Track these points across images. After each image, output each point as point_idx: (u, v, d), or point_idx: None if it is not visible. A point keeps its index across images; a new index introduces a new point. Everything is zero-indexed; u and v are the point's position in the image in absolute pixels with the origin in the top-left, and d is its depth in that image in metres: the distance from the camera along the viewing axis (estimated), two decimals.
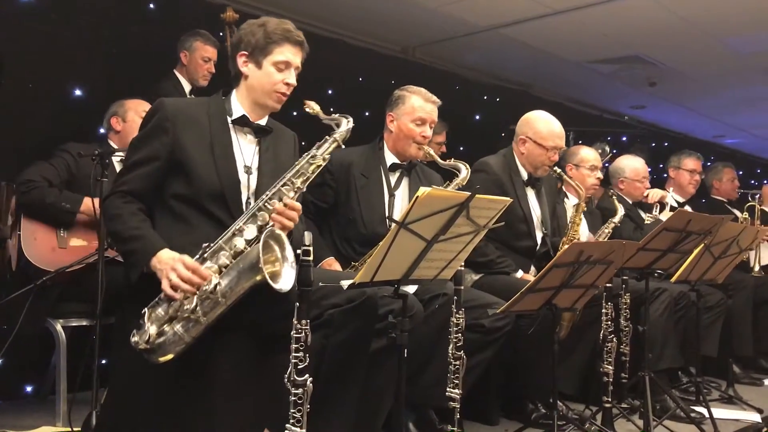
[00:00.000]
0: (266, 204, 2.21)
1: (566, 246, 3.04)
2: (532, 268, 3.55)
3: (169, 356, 2.08)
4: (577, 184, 3.70)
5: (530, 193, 3.60)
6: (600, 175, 4.28)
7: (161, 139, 2.26)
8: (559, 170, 3.59)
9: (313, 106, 2.47)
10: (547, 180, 3.71)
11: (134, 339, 2.10)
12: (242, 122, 2.39)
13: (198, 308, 2.06)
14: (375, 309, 2.21)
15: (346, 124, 2.39)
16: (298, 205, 2.25)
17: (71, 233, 3.22)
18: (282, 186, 2.24)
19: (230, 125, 2.38)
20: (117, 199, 2.25)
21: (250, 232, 2.17)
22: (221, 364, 2.18)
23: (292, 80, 2.39)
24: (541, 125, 3.54)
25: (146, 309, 2.13)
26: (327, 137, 2.37)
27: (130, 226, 2.19)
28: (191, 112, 2.33)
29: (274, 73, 2.36)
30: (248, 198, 2.33)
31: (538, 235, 3.59)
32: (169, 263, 2.10)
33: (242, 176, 2.34)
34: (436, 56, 6.25)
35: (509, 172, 3.55)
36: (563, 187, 4.02)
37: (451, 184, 3.16)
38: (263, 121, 2.45)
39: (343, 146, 2.41)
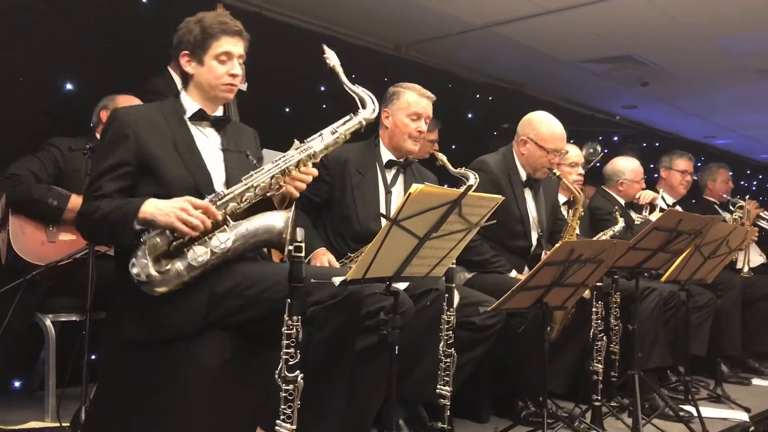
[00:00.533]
0: (287, 168, 2.27)
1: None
2: (526, 269, 3.55)
3: (165, 289, 2.13)
4: (575, 187, 3.68)
5: (528, 194, 3.59)
6: (581, 171, 4.29)
7: (125, 146, 2.25)
8: (558, 173, 3.56)
9: (331, 58, 2.48)
10: (548, 182, 3.70)
11: (134, 270, 2.12)
12: (199, 116, 2.40)
13: (210, 262, 2.15)
14: (359, 304, 2.20)
15: (372, 111, 2.41)
16: (314, 171, 2.32)
17: (60, 228, 3.21)
18: (305, 154, 2.29)
19: (188, 122, 2.39)
20: (93, 201, 2.23)
21: (262, 190, 2.26)
22: (211, 359, 2.18)
23: (237, 70, 2.38)
24: (543, 127, 3.52)
25: (145, 238, 2.14)
26: (353, 115, 2.40)
27: (112, 205, 2.19)
28: (147, 116, 2.34)
29: (217, 66, 2.36)
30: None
31: (534, 236, 3.59)
32: (176, 204, 2.14)
33: (211, 168, 2.35)
34: (429, 54, 6.24)
35: (508, 172, 3.54)
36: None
37: None
38: (219, 113, 2.47)
39: (363, 129, 2.42)
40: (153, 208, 2.15)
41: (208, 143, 2.40)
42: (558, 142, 3.50)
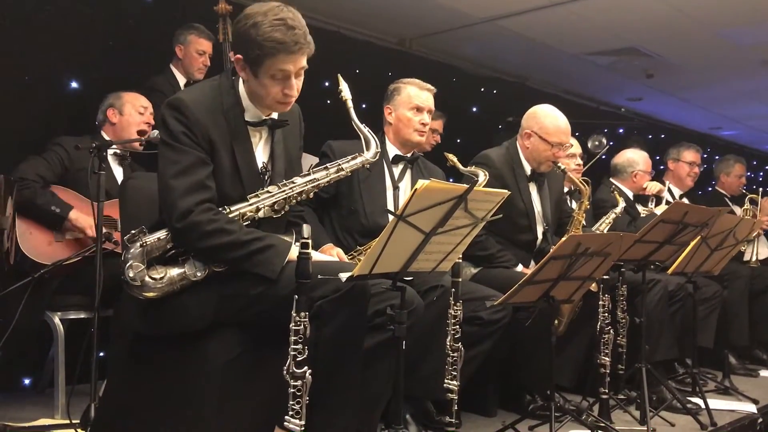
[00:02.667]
0: (291, 196, 2.27)
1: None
2: (532, 263, 3.54)
3: (153, 295, 2.12)
4: (581, 181, 3.67)
5: (533, 188, 3.57)
6: (579, 161, 4.27)
7: (199, 143, 2.15)
8: (563, 166, 3.54)
9: (345, 92, 2.44)
10: (553, 175, 3.67)
11: (130, 273, 2.09)
12: (257, 123, 2.30)
13: (202, 278, 2.15)
14: (365, 295, 2.18)
15: (374, 154, 2.42)
16: None
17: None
18: (310, 185, 2.31)
19: (246, 125, 2.27)
20: (204, 213, 2.10)
21: (265, 212, 2.25)
22: (221, 355, 2.18)
23: (293, 91, 2.22)
24: (548, 120, 3.50)
25: (146, 240, 2.11)
26: (358, 155, 2.41)
27: (248, 234, 2.15)
28: (209, 108, 2.19)
29: (270, 84, 2.18)
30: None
31: (539, 230, 3.57)
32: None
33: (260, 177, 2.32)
34: (433, 48, 6.24)
35: (511, 166, 3.52)
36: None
37: None
38: (275, 114, 2.35)
39: (367, 167, 2.47)
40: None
41: (261, 149, 2.33)
42: (562, 135, 3.48)
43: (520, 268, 3.45)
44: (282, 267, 2.13)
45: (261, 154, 2.33)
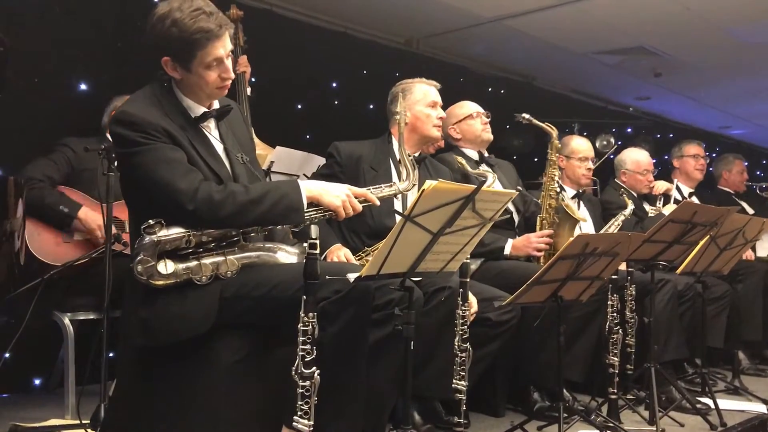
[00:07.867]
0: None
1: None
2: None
3: (160, 283, 2.10)
4: (547, 125, 3.65)
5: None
6: (591, 165, 4.26)
7: (160, 138, 2.14)
8: (527, 116, 3.56)
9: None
10: (503, 165, 3.80)
11: (138, 268, 2.05)
12: (204, 116, 2.31)
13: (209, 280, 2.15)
14: (368, 294, 2.18)
15: (411, 183, 2.45)
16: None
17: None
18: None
19: (195, 122, 2.28)
20: (204, 186, 2.11)
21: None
22: (226, 357, 2.19)
23: (229, 73, 2.23)
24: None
25: (162, 234, 2.07)
26: (390, 185, 2.46)
27: (257, 188, 2.17)
28: (154, 114, 2.19)
29: (207, 74, 2.19)
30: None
31: (511, 207, 3.65)
32: (343, 189, 2.26)
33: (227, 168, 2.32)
34: (440, 48, 6.23)
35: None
36: (560, 180, 3.98)
37: None
38: (217, 104, 2.36)
39: (398, 197, 2.54)
40: (319, 187, 2.21)
41: (215, 141, 2.34)
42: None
43: (509, 243, 3.47)
44: (303, 212, 2.17)
45: (218, 145, 2.34)
